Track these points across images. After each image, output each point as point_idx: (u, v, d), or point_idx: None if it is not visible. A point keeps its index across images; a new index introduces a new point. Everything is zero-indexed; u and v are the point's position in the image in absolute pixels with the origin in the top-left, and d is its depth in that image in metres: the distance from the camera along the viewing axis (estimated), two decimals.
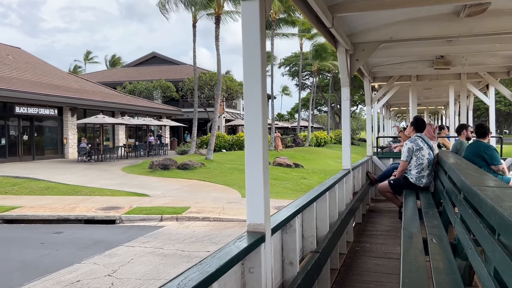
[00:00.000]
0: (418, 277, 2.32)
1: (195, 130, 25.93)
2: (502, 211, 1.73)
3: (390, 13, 4.98)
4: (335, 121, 62.72)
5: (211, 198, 12.90)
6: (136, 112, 30.91)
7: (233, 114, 48.30)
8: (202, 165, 19.06)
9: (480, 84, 10.98)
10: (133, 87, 38.44)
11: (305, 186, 15.69)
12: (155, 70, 44.84)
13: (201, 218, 10.61)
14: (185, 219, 10.68)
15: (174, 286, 1.47)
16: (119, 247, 8.29)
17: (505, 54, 7.59)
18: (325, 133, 46.74)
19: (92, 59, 71.64)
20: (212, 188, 14.85)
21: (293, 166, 21.66)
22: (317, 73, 48.48)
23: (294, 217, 2.83)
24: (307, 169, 21.71)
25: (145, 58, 50.53)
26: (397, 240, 5.05)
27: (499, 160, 5.34)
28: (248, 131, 2.20)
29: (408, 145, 5.65)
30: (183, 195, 13.44)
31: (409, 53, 7.09)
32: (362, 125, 79.89)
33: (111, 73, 49.81)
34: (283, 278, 2.79)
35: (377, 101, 10.72)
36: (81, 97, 25.03)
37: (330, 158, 31.22)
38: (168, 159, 19.08)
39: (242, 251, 1.93)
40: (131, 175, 17.78)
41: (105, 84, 37.37)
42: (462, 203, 2.91)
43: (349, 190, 5.55)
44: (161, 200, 12.64)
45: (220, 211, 11.13)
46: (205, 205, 11.90)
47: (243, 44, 2.19)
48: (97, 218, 10.94)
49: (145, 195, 13.46)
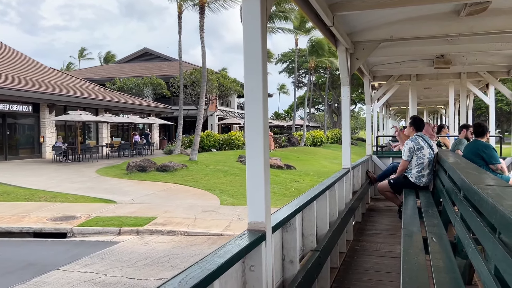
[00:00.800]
0: (418, 275, 2.32)
1: (180, 129, 24.81)
2: (503, 210, 1.73)
3: (391, 12, 4.98)
4: (332, 120, 61.32)
5: (185, 205, 11.66)
6: (122, 109, 29.19)
7: (227, 112, 47.39)
8: (184, 166, 17.71)
9: (480, 83, 10.99)
10: (122, 84, 37.06)
11: (295, 191, 14.62)
12: (147, 66, 43.73)
13: (165, 231, 9.29)
14: (147, 232, 9.35)
15: (175, 283, 1.47)
16: (52, 272, 6.78)
17: (505, 54, 7.59)
18: (321, 132, 45.24)
19: (86, 56, 70.83)
20: (189, 193, 13.57)
21: (285, 167, 20.68)
22: (314, 71, 47.58)
23: (294, 216, 2.84)
24: (299, 171, 20.70)
25: (136, 54, 49.25)
26: (397, 239, 5.06)
27: (497, 159, 5.35)
28: (249, 130, 2.20)
29: (409, 145, 5.65)
30: (154, 201, 12.19)
31: (409, 52, 7.09)
32: (361, 124, 79.57)
33: (101, 69, 48.48)
34: (284, 276, 2.80)
35: (376, 100, 10.72)
36: (60, 92, 22.99)
37: (325, 159, 29.85)
38: (147, 160, 17.66)
39: (243, 249, 1.93)
40: (104, 177, 16.33)
41: (94, 80, 36.27)
42: (462, 202, 2.92)
43: (349, 189, 5.56)
44: (127, 208, 11.30)
45: (190, 222, 9.85)
46: (175, 214, 10.63)
47: (244, 43, 2.19)
48: (45, 231, 9.39)
49: (112, 201, 12.11)
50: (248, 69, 2.19)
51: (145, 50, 49.33)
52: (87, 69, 49.93)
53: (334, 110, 60.49)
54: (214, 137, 29.67)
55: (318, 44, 37.36)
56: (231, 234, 8.61)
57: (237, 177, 16.70)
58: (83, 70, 50.01)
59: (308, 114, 49.95)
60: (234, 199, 12.83)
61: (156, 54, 48.31)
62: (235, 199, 12.74)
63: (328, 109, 58.91)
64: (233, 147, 29.32)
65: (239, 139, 30.22)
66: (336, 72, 49.49)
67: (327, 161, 28.48)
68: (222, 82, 35.68)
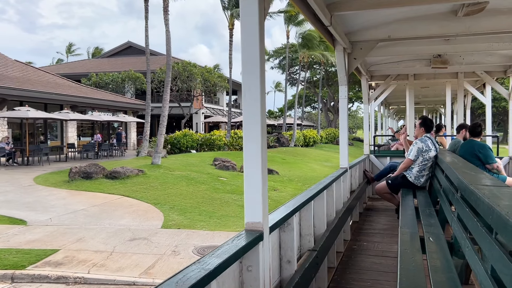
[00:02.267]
0: (415, 275, 2.33)
1: (147, 128, 21.46)
2: (499, 210, 1.73)
3: (388, 12, 4.99)
4: (328, 119, 59.14)
5: (111, 229, 9.07)
6: (91, 106, 26.33)
7: (215, 110, 45.06)
8: (141, 172, 14.72)
9: (477, 83, 11.01)
10: (99, 79, 34.30)
11: (271, 203, 11.20)
12: (129, 61, 41.12)
13: (53, 277, 6.55)
14: (27, 278, 6.59)
15: (173, 284, 1.47)
16: None
17: (503, 53, 7.62)
18: (314, 132, 42.24)
19: (74, 52, 68.86)
20: (130, 209, 10.93)
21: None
22: (308, 67, 45.55)
23: (292, 216, 2.84)
24: (282, 176, 17.97)
25: (119, 49, 46.21)
26: (394, 239, 5.07)
27: (493, 159, 5.38)
28: (247, 129, 2.20)
29: (419, 145, 5.61)
30: (76, 222, 9.54)
31: (406, 51, 7.10)
32: (359, 123, 79.29)
33: (80, 64, 46.03)
34: (281, 276, 2.80)
35: (374, 99, 10.73)
36: (10, 86, 19.96)
37: (316, 161, 26.61)
38: (94, 165, 14.84)
39: (240, 249, 1.93)
40: (39, 186, 13.48)
41: (70, 75, 34.24)
42: (459, 202, 2.93)
43: (346, 189, 5.57)
44: (33, 232, 8.73)
45: (100, 260, 7.26)
46: (87, 245, 7.98)
47: (242, 41, 2.19)
48: None
49: (21, 221, 9.48)
50: (246, 68, 2.19)
51: (128, 44, 46.29)
52: (64, 64, 47.29)
53: (330, 108, 57.96)
54: (192, 136, 26.58)
55: (308, 36, 34.68)
56: (149, 283, 6.42)
57: (202, 186, 13.94)
58: (61, 65, 47.26)
59: (303, 112, 48.49)
60: (184, 217, 10.34)
61: (140, 48, 44.37)
62: (185, 218, 10.28)
63: (323, 107, 56.98)
64: (213, 148, 26.60)
65: (220, 139, 27.36)
66: (332, 68, 48.27)
67: (318, 163, 25.45)
68: (207, 77, 33.24)
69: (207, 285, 1.60)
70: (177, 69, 31.47)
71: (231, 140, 27.75)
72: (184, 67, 32.01)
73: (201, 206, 11.69)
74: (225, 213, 11.12)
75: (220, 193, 13.32)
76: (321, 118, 54.77)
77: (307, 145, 38.20)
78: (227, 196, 12.99)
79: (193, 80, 32.34)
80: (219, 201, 12.36)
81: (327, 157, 29.91)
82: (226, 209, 11.50)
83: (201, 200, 12.29)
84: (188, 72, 31.88)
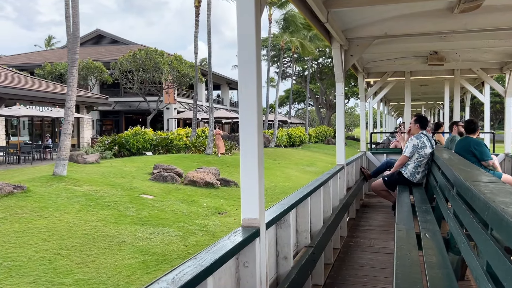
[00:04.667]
0: (411, 271, 2.34)
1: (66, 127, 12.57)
2: (495, 206, 1.74)
3: (385, 9, 4.99)
4: (320, 116, 53.87)
5: None
6: (27, 99, 22.08)
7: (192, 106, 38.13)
8: (19, 190, 9.67)
9: (476, 81, 11.05)
10: (53, 68, 30.66)
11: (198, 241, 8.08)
12: (97, 50, 37.43)
13: None
14: None
15: (169, 280, 1.47)
16: None
17: (499, 50, 7.64)
18: (302, 130, 36.71)
19: (54, 45, 66.47)
20: None
21: (218, 184, 13.13)
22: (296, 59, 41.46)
23: (288, 212, 2.84)
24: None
25: (87, 38, 41.90)
26: (391, 235, 5.09)
27: (489, 156, 5.40)
28: (243, 126, 2.20)
29: (414, 142, 5.65)
30: None
31: (403, 48, 7.11)
32: (355, 121, 76.06)
33: (39, 55, 42.07)
34: (278, 272, 2.81)
35: (372, 96, 10.74)
36: None
37: (297, 165, 21.44)
38: None
39: (236, 245, 1.94)
40: None
41: (24, 66, 32.15)
42: (455, 198, 2.94)
43: (343, 186, 5.58)
44: None
45: None
46: None
47: (238, 38, 2.18)
48: None
49: None
50: (242, 65, 2.19)
51: (97, 32, 42.71)
52: (22, 55, 42.99)
53: (322, 104, 52.88)
54: (145, 136, 21.18)
55: (290, 18, 29.33)
56: None
57: (103, 211, 9.21)
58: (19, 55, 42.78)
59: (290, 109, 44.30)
60: None
61: (110, 37, 42.02)
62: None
63: (315, 103, 53.33)
64: (170, 150, 21.23)
65: (179, 139, 21.68)
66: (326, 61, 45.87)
67: (298, 169, 20.42)
68: (175, 66, 28.76)
69: (203, 281, 1.61)
70: (139, 57, 27.78)
71: (194, 140, 22.08)
72: (149, 55, 28.01)
73: (62, 257, 6.93)
74: (94, 273, 6.47)
75: (122, 224, 8.52)
76: (313, 115, 51.30)
77: (293, 145, 33.14)
78: (131, 230, 8.22)
79: (158, 70, 28.28)
80: (108, 242, 7.56)
81: (312, 159, 24.74)
82: (104, 262, 6.80)
83: (76, 242, 7.43)
84: (153, 61, 27.99)
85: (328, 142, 40.18)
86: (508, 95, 8.48)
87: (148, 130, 21.99)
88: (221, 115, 34.65)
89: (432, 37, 6.01)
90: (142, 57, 28.03)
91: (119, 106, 35.55)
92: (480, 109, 48.83)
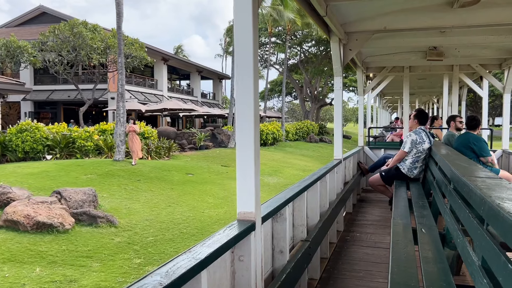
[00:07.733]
0: (407, 266, 2.34)
1: None
2: (491, 202, 1.74)
3: (384, 3, 4.96)
4: (304, 109, 46.50)
5: None
6: None
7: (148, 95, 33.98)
8: None
9: (474, 75, 11.03)
10: None
11: None
12: (40, 30, 29.58)
13: None
14: None
15: (163, 273, 1.47)
16: None
17: (498, 46, 7.61)
18: (278, 125, 30.05)
19: None
20: None
21: (71, 224, 7.69)
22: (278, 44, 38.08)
23: (284, 206, 2.84)
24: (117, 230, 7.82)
25: (30, 16, 36.41)
26: (387, 230, 5.10)
27: (488, 152, 5.40)
28: (240, 120, 2.19)
29: (412, 137, 5.62)
30: None
31: (402, 43, 7.07)
32: (347, 115, 70.25)
33: None
34: (273, 266, 2.81)
35: (370, 90, 10.71)
36: None
37: None
38: None
39: (232, 239, 1.93)
40: None
41: None
42: (452, 194, 2.94)
43: (340, 180, 5.58)
44: None
45: None
46: None
47: (235, 33, 2.17)
48: None
49: None
50: (239, 59, 2.17)
51: (40, 10, 36.08)
52: None
53: (306, 96, 45.80)
54: (36, 134, 15.94)
55: None
56: None
57: None
58: None
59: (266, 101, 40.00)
60: None
61: (56, 15, 34.77)
62: None
63: (299, 95, 46.46)
64: (71, 154, 16.45)
65: (86, 137, 16.73)
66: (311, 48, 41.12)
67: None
68: (111, 44, 22.83)
69: (197, 274, 1.60)
70: (60, 31, 21.56)
71: (109, 140, 16.88)
72: (73, 27, 22.04)
73: None
74: None
75: None
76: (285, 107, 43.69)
77: (264, 144, 26.80)
78: None
79: (84, 47, 21.93)
80: None
81: (280, 165, 18.11)
82: None
83: None
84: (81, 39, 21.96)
85: (310, 139, 34.13)
86: (506, 91, 8.47)
87: (41, 126, 16.60)
88: (172, 107, 27.14)
89: (431, 32, 5.98)
90: (65, 32, 21.85)
91: (55, 96, 30.44)
92: (480, 103, 48.74)
